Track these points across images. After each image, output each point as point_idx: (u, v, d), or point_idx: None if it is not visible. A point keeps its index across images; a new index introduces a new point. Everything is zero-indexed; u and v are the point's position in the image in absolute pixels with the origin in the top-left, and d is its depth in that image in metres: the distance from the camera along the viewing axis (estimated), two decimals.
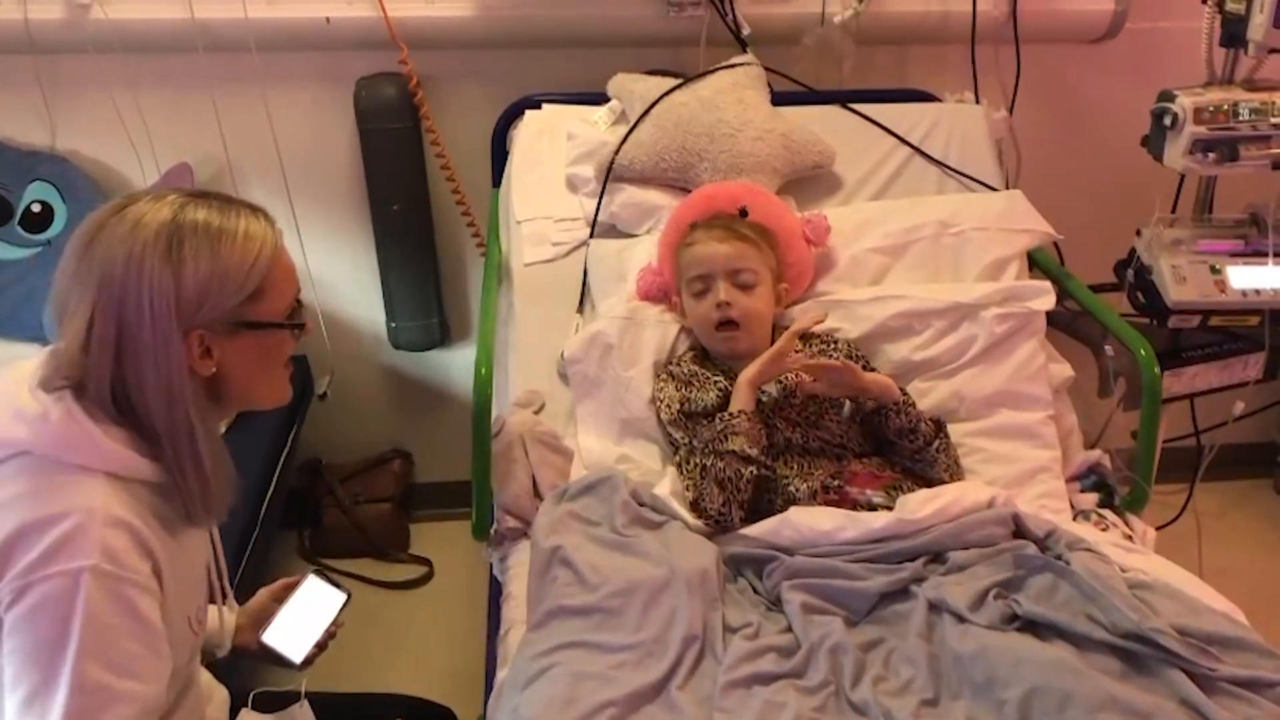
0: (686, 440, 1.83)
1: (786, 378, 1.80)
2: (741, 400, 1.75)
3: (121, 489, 1.12)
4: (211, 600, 1.42)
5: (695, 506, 1.69)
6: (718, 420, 1.74)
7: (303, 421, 2.46)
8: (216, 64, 2.30)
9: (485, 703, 1.55)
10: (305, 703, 1.47)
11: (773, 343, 1.90)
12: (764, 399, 1.79)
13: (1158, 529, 1.89)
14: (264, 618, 1.51)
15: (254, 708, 1.47)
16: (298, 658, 1.49)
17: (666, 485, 1.75)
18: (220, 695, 1.43)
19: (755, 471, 1.70)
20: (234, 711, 1.45)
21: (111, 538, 1.07)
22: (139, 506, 1.13)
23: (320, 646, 1.52)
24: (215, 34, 2.26)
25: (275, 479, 2.17)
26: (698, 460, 1.73)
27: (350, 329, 2.67)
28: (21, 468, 1.10)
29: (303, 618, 1.51)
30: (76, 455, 1.11)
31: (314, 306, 2.56)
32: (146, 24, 2.24)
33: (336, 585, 1.54)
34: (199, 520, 1.20)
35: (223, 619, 1.47)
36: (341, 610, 1.53)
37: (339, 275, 2.60)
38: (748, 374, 1.76)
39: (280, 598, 1.53)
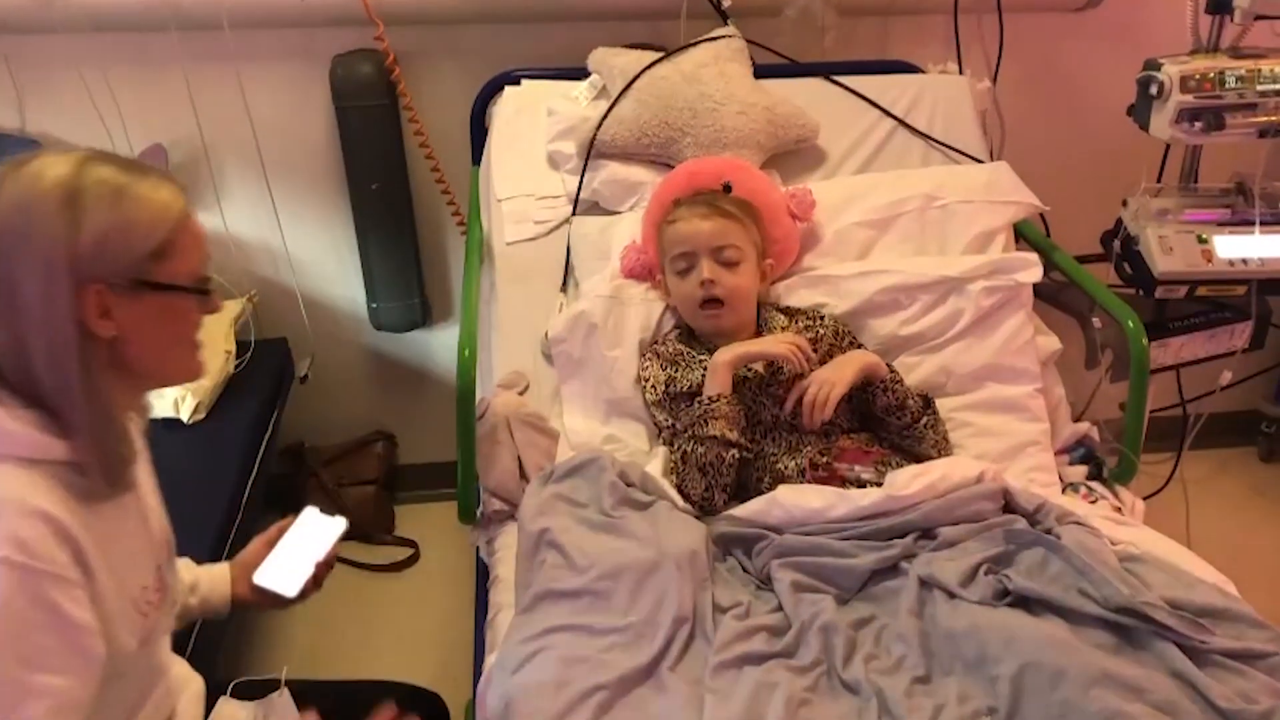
0: (669, 423, 1.81)
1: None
2: (719, 383, 1.73)
3: (34, 473, 1.06)
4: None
5: (678, 491, 1.68)
6: (697, 405, 1.72)
7: (284, 405, 2.44)
8: (189, 42, 2.25)
9: (474, 687, 1.54)
10: (285, 691, 1.45)
11: (758, 319, 1.89)
12: (749, 375, 1.78)
13: (1145, 498, 1.90)
14: (257, 564, 1.46)
15: (233, 696, 1.44)
16: (292, 591, 1.43)
17: (658, 464, 1.74)
18: (195, 686, 1.39)
19: (737, 455, 1.69)
20: (213, 701, 1.43)
21: (24, 528, 1.02)
22: (56, 490, 1.07)
23: (316, 579, 1.47)
24: (187, 12, 2.21)
25: (257, 463, 2.15)
26: (679, 445, 1.71)
27: (330, 310, 2.64)
28: None
29: (296, 552, 1.46)
30: None
31: (293, 288, 2.53)
32: (116, 2, 2.19)
33: (332, 514, 1.49)
34: (102, 491, 1.12)
35: (211, 580, 1.43)
36: (338, 537, 1.47)
37: (318, 256, 2.57)
38: (725, 356, 1.75)
39: (273, 542, 1.48)
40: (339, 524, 1.48)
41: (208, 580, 1.46)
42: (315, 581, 1.47)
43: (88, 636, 1.07)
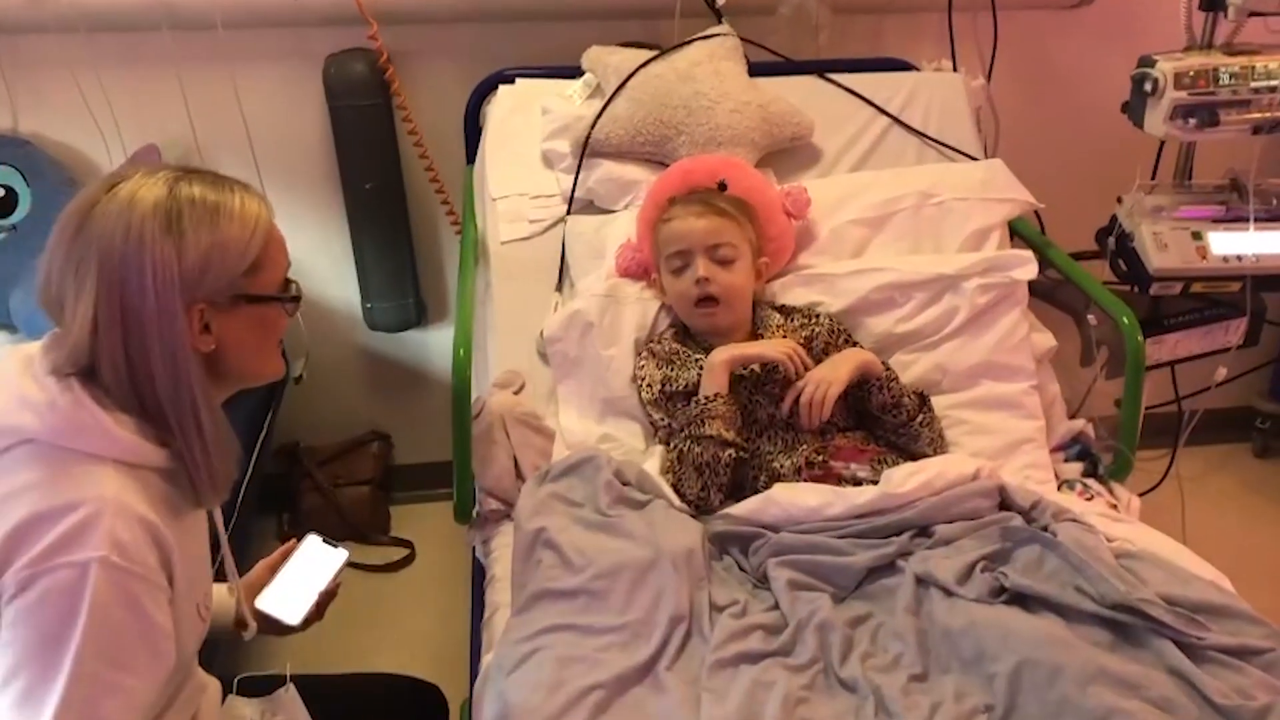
0: (666, 422, 1.81)
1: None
2: (716, 382, 1.73)
3: (131, 477, 1.10)
4: (219, 579, 1.40)
5: (674, 491, 1.67)
6: (693, 404, 1.72)
7: (279, 405, 2.43)
8: (182, 42, 2.25)
9: (470, 686, 1.54)
10: (291, 686, 1.45)
11: (754, 317, 1.89)
12: (745, 374, 1.78)
13: (1140, 495, 1.90)
14: (261, 587, 1.48)
15: (239, 693, 1.45)
16: (295, 619, 1.45)
17: (654, 463, 1.74)
18: (214, 688, 1.41)
19: (733, 455, 1.68)
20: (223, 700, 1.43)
21: (122, 529, 1.06)
22: (149, 495, 1.11)
23: (319, 607, 1.49)
24: (180, 12, 2.21)
25: (253, 463, 2.15)
26: (676, 444, 1.71)
27: (325, 311, 2.63)
28: (28, 456, 1.08)
29: (299, 580, 1.47)
30: (85, 443, 1.09)
31: None
32: (109, 2, 2.19)
33: (334, 545, 1.51)
34: (207, 500, 1.19)
35: (218, 598, 1.45)
36: (340, 569, 1.49)
37: (312, 256, 2.56)
38: (721, 356, 1.75)
39: (277, 566, 1.50)
40: (341, 555, 1.50)
41: (228, 601, 1.48)
42: (318, 610, 1.49)
43: (165, 640, 1.12)
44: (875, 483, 1.63)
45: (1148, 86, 2.03)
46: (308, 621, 1.47)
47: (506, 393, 1.88)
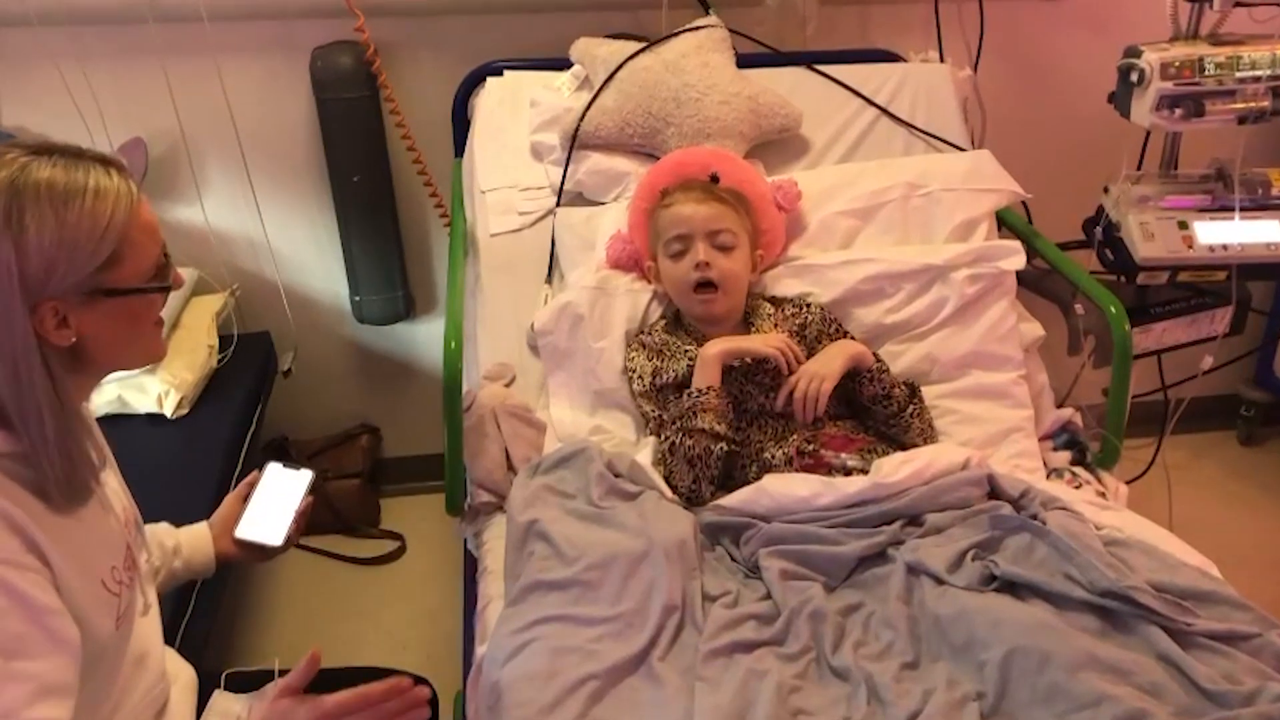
0: (656, 413, 1.81)
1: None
2: (708, 375, 1.74)
3: None
4: None
5: (665, 483, 1.68)
6: (685, 397, 1.72)
7: (268, 399, 2.42)
8: (167, 35, 2.23)
9: (463, 678, 1.54)
10: (279, 681, 1.45)
11: (747, 310, 1.89)
12: (736, 364, 1.78)
13: (1127, 483, 1.91)
14: (235, 520, 1.48)
15: (226, 688, 1.44)
16: (277, 540, 1.47)
17: (646, 454, 1.74)
18: (186, 676, 1.39)
19: (725, 448, 1.69)
20: (205, 693, 1.42)
21: None
22: (6, 483, 1.05)
23: (297, 525, 1.49)
24: (165, 4, 2.19)
25: (241, 458, 2.14)
26: (667, 436, 1.72)
27: (313, 304, 2.63)
28: None
29: (272, 505, 1.49)
30: None
31: (276, 282, 2.51)
32: None
33: (298, 468, 1.52)
34: (57, 501, 1.09)
35: (193, 541, 1.45)
36: (309, 488, 1.50)
37: (300, 249, 2.55)
38: (714, 349, 1.75)
39: (246, 496, 1.50)
40: (306, 475, 1.51)
41: (189, 542, 1.47)
42: (297, 529, 1.49)
43: (56, 618, 1.05)
44: (865, 472, 1.64)
45: (1134, 77, 2.04)
46: (289, 541, 1.48)
47: (497, 385, 1.88)
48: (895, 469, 1.60)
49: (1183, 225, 2.12)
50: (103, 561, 1.16)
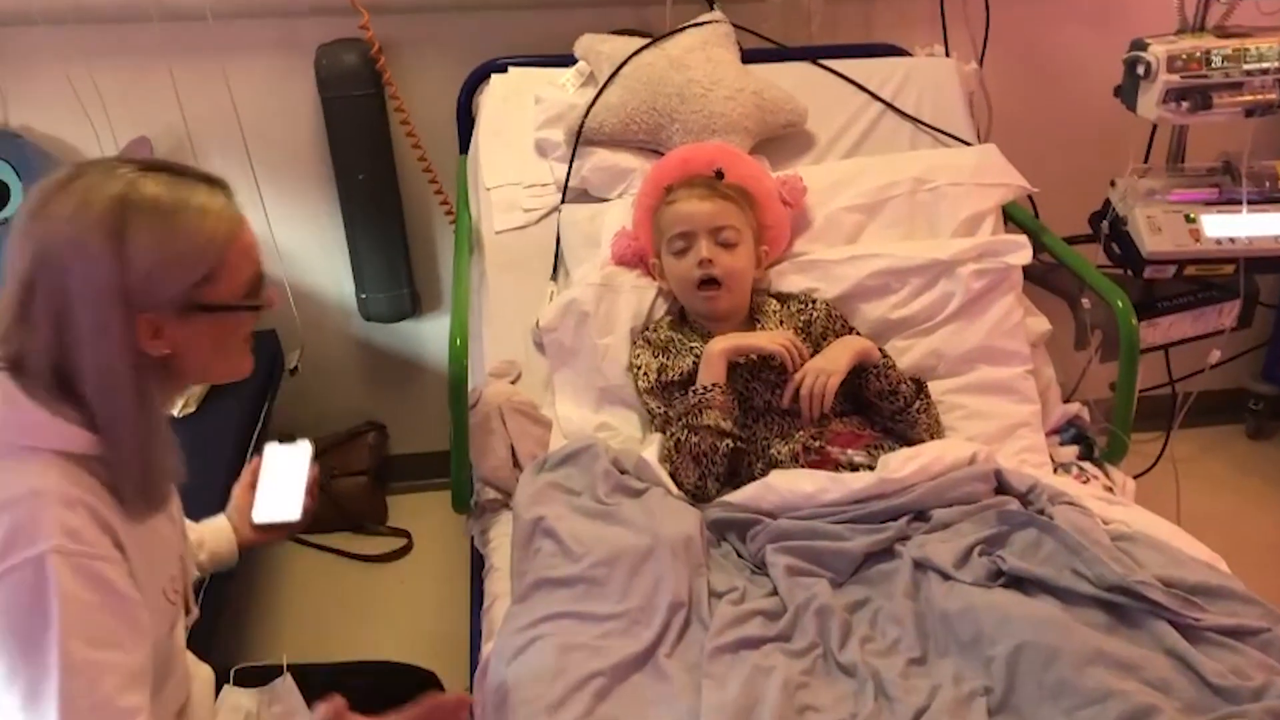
0: (662, 410, 1.81)
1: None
2: (713, 372, 1.73)
3: (72, 466, 1.08)
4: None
5: (671, 479, 1.68)
6: (691, 394, 1.72)
7: (274, 397, 2.43)
8: (172, 34, 2.24)
9: (470, 675, 1.54)
10: (288, 675, 1.46)
11: (751, 304, 1.89)
12: (741, 360, 1.78)
13: (1135, 477, 1.91)
14: (249, 508, 1.50)
15: (236, 684, 1.45)
16: (295, 514, 1.48)
17: (653, 450, 1.74)
18: (205, 675, 1.41)
19: (730, 445, 1.69)
20: (217, 690, 1.44)
21: (68, 516, 1.04)
22: (90, 482, 1.09)
23: (311, 496, 1.51)
24: (170, 3, 2.19)
25: (248, 456, 2.14)
26: (673, 433, 1.72)
27: (319, 302, 2.63)
28: None
29: (280, 484, 1.50)
30: (20, 436, 1.07)
31: (282, 280, 2.52)
32: None
33: (294, 440, 1.54)
34: (134, 508, 1.14)
35: (215, 534, 1.47)
36: (311, 457, 1.52)
37: (306, 247, 2.55)
38: (719, 345, 1.75)
39: (253, 483, 1.52)
40: (305, 446, 1.53)
41: (212, 535, 1.49)
42: (311, 499, 1.51)
43: (137, 608, 1.11)
44: (872, 468, 1.64)
45: (1140, 70, 2.03)
46: (307, 512, 1.50)
47: (503, 382, 1.88)
48: (902, 465, 1.59)
49: (1190, 219, 2.11)
50: (164, 570, 1.22)
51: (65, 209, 1.06)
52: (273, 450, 1.53)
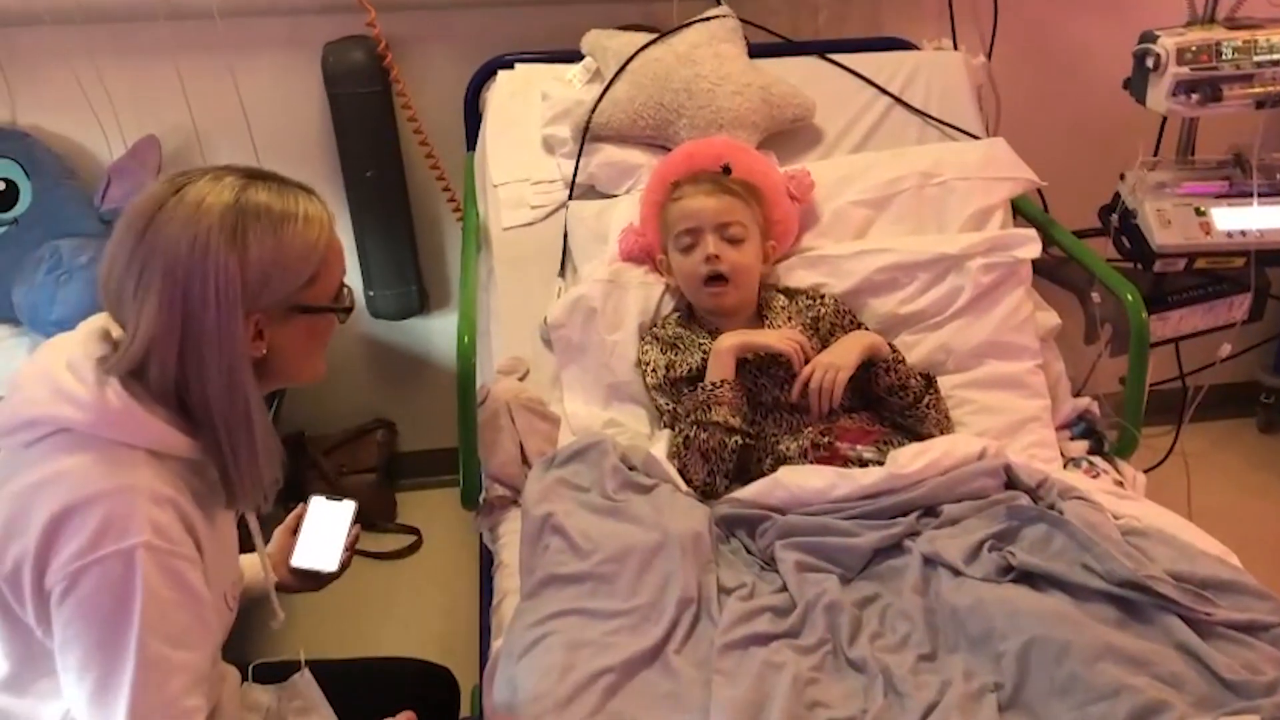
0: (670, 406, 1.81)
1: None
2: (722, 368, 1.73)
3: (161, 465, 1.12)
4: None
5: (680, 476, 1.67)
6: (699, 390, 1.72)
7: (283, 395, 2.43)
8: (179, 32, 2.24)
9: (480, 672, 1.55)
10: (306, 671, 1.47)
11: (759, 299, 1.89)
12: (750, 357, 1.78)
13: (1145, 472, 1.90)
14: (288, 551, 1.54)
15: (254, 680, 1.46)
16: (333, 565, 1.53)
17: (661, 447, 1.74)
18: (233, 677, 1.43)
19: (739, 441, 1.69)
20: None
21: (157, 513, 1.09)
22: (178, 482, 1.14)
23: (349, 552, 1.55)
24: (177, 1, 2.20)
25: None
26: (681, 430, 1.71)
27: None
28: (62, 445, 1.10)
29: (321, 534, 1.55)
30: (119, 433, 1.10)
31: None
32: None
33: (340, 499, 1.58)
34: (244, 502, 1.21)
35: (249, 568, 1.49)
36: (354, 517, 1.56)
37: None
38: (727, 342, 1.75)
39: (295, 529, 1.56)
40: (349, 505, 1.57)
41: (248, 568, 1.51)
42: (349, 555, 1.55)
43: (209, 610, 1.15)
44: (881, 464, 1.63)
45: (1149, 62, 2.02)
46: (344, 566, 1.54)
47: (511, 379, 1.88)
48: (911, 460, 1.59)
49: (1200, 212, 2.10)
50: (228, 575, 1.27)
51: (181, 215, 1.11)
52: (318, 503, 1.57)
